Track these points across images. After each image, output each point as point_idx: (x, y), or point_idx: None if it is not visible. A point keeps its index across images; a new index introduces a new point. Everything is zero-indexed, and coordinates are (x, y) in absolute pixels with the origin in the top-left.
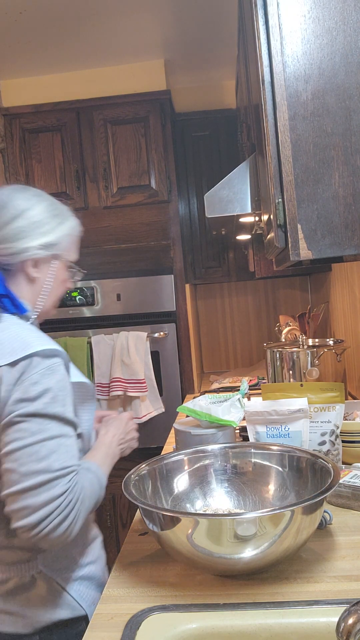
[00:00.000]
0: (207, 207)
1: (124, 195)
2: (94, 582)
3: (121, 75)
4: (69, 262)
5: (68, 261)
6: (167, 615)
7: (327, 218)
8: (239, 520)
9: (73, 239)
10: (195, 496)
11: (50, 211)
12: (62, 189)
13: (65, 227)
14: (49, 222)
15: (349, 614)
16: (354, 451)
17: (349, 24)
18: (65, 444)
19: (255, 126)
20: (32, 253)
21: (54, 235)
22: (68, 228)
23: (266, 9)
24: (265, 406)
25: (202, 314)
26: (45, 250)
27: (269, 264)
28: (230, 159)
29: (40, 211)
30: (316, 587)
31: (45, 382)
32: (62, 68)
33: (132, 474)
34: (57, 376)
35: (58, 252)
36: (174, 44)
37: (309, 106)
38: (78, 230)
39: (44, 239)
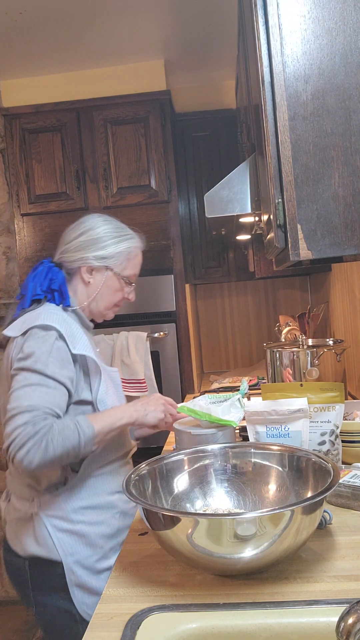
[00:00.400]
0: (207, 207)
1: (124, 196)
2: (82, 540)
3: (121, 75)
4: (121, 275)
5: (120, 274)
6: (167, 615)
7: (327, 218)
8: (239, 520)
9: (127, 258)
10: (195, 496)
11: (109, 232)
12: (62, 189)
13: (120, 247)
14: (106, 240)
15: (348, 613)
16: (353, 451)
17: (349, 24)
18: (41, 391)
19: (255, 126)
20: (88, 262)
21: (108, 251)
22: (123, 248)
23: (266, 9)
24: (265, 406)
25: (202, 314)
26: (98, 261)
27: (269, 264)
28: (230, 159)
29: (101, 231)
30: (316, 587)
31: (35, 346)
32: (62, 68)
33: (132, 473)
34: (46, 344)
35: (110, 264)
36: (174, 44)
37: (309, 106)
38: (134, 253)
39: (98, 252)
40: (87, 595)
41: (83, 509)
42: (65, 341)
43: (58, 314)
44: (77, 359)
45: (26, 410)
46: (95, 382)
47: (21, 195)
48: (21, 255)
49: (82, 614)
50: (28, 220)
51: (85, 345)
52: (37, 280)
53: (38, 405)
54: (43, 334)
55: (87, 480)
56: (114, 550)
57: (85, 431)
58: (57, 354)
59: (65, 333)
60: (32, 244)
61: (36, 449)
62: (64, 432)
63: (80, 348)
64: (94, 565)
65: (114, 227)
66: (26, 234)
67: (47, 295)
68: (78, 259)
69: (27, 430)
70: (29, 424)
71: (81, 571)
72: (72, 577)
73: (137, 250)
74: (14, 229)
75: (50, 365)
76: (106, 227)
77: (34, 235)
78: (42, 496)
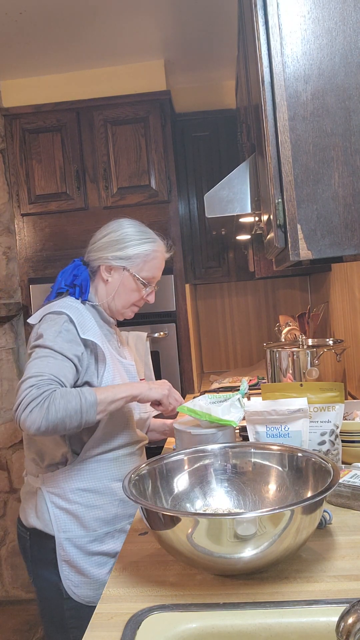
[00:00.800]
0: (207, 207)
1: (124, 196)
2: (77, 520)
3: (121, 76)
4: (137, 276)
5: (137, 275)
6: (167, 614)
7: (326, 218)
8: (238, 519)
9: (144, 260)
10: (195, 496)
11: (130, 235)
12: (62, 189)
13: (139, 249)
14: (126, 242)
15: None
16: (353, 451)
17: (349, 25)
18: (49, 361)
19: (255, 126)
20: (107, 261)
21: (126, 252)
22: (141, 250)
23: (266, 9)
24: (265, 406)
25: (202, 314)
26: (117, 261)
27: (268, 264)
28: (230, 159)
29: (122, 233)
30: (316, 587)
31: (46, 328)
32: (62, 68)
33: (132, 473)
34: (56, 325)
35: (127, 265)
36: (174, 44)
37: (309, 106)
38: (152, 256)
39: (117, 253)
40: (74, 574)
41: (81, 491)
42: (75, 325)
43: (73, 304)
44: (87, 344)
45: (33, 375)
46: (102, 369)
47: (21, 195)
48: (21, 255)
49: (67, 590)
50: (28, 220)
51: (94, 333)
52: (64, 275)
53: (44, 372)
54: (54, 318)
55: (89, 463)
56: (110, 536)
57: (87, 397)
58: (65, 335)
59: (76, 319)
60: (32, 244)
61: (38, 409)
62: (66, 396)
63: (89, 334)
64: (85, 545)
65: (136, 230)
66: (26, 234)
67: (70, 290)
68: (98, 257)
69: (31, 392)
70: (33, 387)
71: (71, 549)
72: (61, 552)
73: (156, 254)
74: (14, 229)
75: (58, 342)
76: (128, 230)
77: (34, 235)
78: (44, 473)
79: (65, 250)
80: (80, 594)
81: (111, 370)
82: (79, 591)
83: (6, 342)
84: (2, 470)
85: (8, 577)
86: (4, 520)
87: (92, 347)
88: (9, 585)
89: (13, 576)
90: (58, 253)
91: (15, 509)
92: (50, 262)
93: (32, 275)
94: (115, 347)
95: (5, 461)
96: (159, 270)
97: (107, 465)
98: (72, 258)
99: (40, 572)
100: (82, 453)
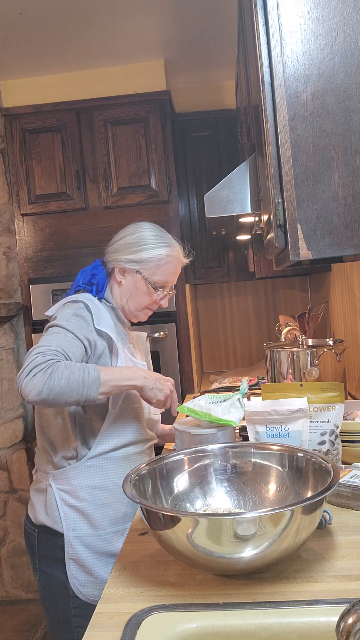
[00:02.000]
0: (207, 208)
1: (124, 196)
2: (86, 518)
3: (121, 76)
4: (150, 280)
5: (149, 279)
6: (167, 614)
7: (326, 218)
8: (238, 519)
9: (157, 264)
10: (195, 496)
11: (145, 238)
12: (62, 189)
13: (152, 253)
14: (140, 245)
15: (348, 613)
16: (353, 451)
17: (349, 25)
18: (59, 337)
19: (255, 126)
20: (120, 263)
21: (139, 255)
22: (155, 255)
23: (266, 9)
24: (265, 406)
25: (202, 314)
26: (129, 264)
27: (268, 264)
28: (230, 159)
29: (138, 236)
30: (316, 587)
31: (62, 311)
32: (62, 68)
33: (132, 473)
34: (72, 309)
35: (140, 268)
36: (174, 45)
37: (309, 106)
38: (165, 260)
39: (130, 256)
40: (81, 573)
41: (91, 489)
42: (91, 313)
43: (91, 298)
44: (102, 334)
45: (41, 345)
46: (114, 361)
47: (21, 195)
48: (21, 255)
49: (74, 588)
50: (28, 220)
51: (109, 326)
52: (83, 274)
53: (52, 344)
54: (71, 305)
55: (99, 461)
56: (119, 535)
57: (91, 372)
58: (80, 319)
59: (93, 309)
60: (32, 244)
61: (41, 374)
62: (70, 366)
63: (104, 326)
64: (94, 544)
65: (153, 234)
66: (26, 234)
67: (87, 287)
68: (113, 259)
69: (37, 359)
70: (39, 355)
71: (80, 547)
72: (70, 550)
73: (170, 259)
74: (14, 229)
75: (71, 322)
76: (144, 233)
77: (34, 235)
78: (55, 470)
79: (65, 250)
80: (86, 592)
81: (123, 364)
82: (84, 590)
83: (6, 342)
84: (2, 470)
85: (8, 577)
86: (4, 520)
87: (106, 339)
88: (9, 585)
89: (13, 576)
90: (58, 253)
91: (15, 509)
92: (50, 262)
93: (32, 275)
94: (128, 347)
95: (5, 461)
96: (172, 275)
97: (117, 463)
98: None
99: (47, 570)
100: (93, 449)
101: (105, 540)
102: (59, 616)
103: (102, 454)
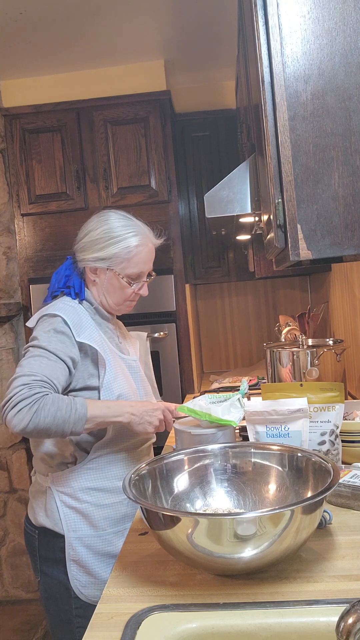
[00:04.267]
0: (207, 208)
1: (124, 196)
2: (86, 519)
3: (121, 76)
4: (123, 274)
5: (122, 274)
6: (167, 614)
7: (326, 218)
8: (238, 519)
9: (126, 258)
10: (195, 496)
11: (107, 233)
12: (62, 189)
13: (118, 247)
14: (103, 242)
15: (348, 613)
16: (353, 451)
17: (349, 25)
18: (42, 362)
19: (255, 126)
20: (88, 263)
21: (105, 252)
22: (122, 249)
23: (266, 9)
24: (265, 406)
25: (202, 314)
26: (98, 262)
27: (268, 264)
28: (230, 159)
29: (99, 232)
30: (316, 587)
31: (41, 329)
32: (62, 68)
33: (132, 473)
34: (51, 327)
35: (110, 265)
36: (174, 44)
37: (309, 106)
38: (134, 252)
39: (96, 254)
40: (82, 574)
41: (91, 490)
42: (70, 327)
43: (70, 304)
44: (83, 347)
45: (25, 374)
46: (102, 370)
47: (21, 195)
48: (21, 255)
49: (75, 590)
50: (28, 220)
51: (91, 335)
52: (57, 276)
53: (37, 372)
54: (49, 320)
55: (99, 462)
56: (119, 536)
57: (78, 409)
58: (60, 336)
59: (71, 321)
60: (32, 244)
61: (27, 410)
62: (57, 403)
63: (85, 337)
64: (94, 545)
65: (117, 225)
66: (26, 234)
67: (65, 291)
68: (81, 259)
69: (22, 391)
70: (25, 387)
71: (81, 548)
72: (71, 552)
73: (140, 249)
74: (14, 229)
75: (52, 343)
76: (107, 227)
77: (34, 235)
78: (54, 472)
79: (65, 251)
80: (88, 593)
81: (112, 371)
82: (86, 591)
83: (6, 342)
84: (2, 470)
85: (8, 577)
86: (4, 520)
87: (89, 350)
88: (9, 585)
89: (13, 576)
90: (58, 253)
91: (15, 509)
92: (50, 262)
93: (32, 275)
94: (116, 343)
95: (5, 461)
96: (145, 263)
97: (117, 463)
98: None
99: (48, 571)
100: (92, 452)
101: (106, 541)
102: (60, 617)
103: (101, 456)
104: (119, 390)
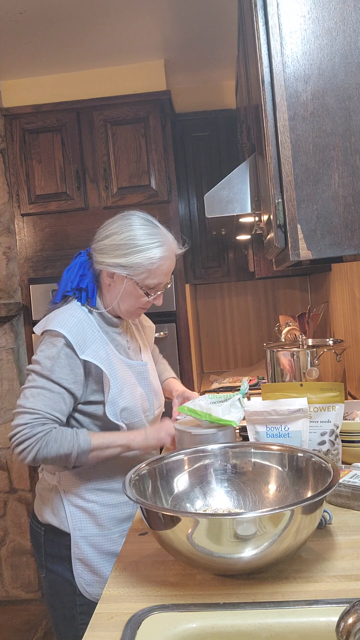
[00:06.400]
0: (207, 208)
1: (124, 196)
2: (92, 518)
3: (121, 76)
4: (142, 284)
5: (140, 284)
6: (167, 614)
7: (326, 218)
8: (238, 519)
9: (148, 269)
10: (195, 496)
11: (131, 240)
12: (62, 189)
13: (142, 257)
14: (126, 249)
15: (348, 613)
16: (353, 451)
17: (349, 25)
18: (45, 395)
19: (255, 126)
20: (107, 267)
21: (128, 260)
22: (145, 259)
23: (266, 9)
24: (265, 406)
25: (202, 314)
26: (117, 269)
27: (268, 264)
28: (230, 159)
29: (124, 237)
30: (316, 587)
31: (45, 350)
32: (62, 68)
33: (132, 473)
34: (54, 349)
35: (130, 274)
36: (174, 45)
37: (309, 106)
38: (158, 264)
39: (117, 260)
40: (87, 572)
41: (98, 490)
42: (73, 348)
43: (75, 316)
44: (87, 363)
45: (28, 412)
46: (106, 388)
47: (21, 196)
48: (21, 255)
49: (80, 588)
50: (28, 220)
51: (95, 351)
52: (69, 274)
53: (39, 409)
54: (52, 340)
55: (106, 462)
56: (124, 536)
57: (81, 444)
58: (64, 360)
59: (75, 339)
60: (32, 244)
61: (29, 449)
62: (59, 440)
63: (88, 354)
64: (99, 544)
65: (142, 233)
66: (26, 234)
67: (76, 293)
68: (100, 262)
69: (25, 431)
70: (27, 426)
71: (86, 547)
72: (76, 550)
73: (162, 261)
74: (14, 229)
75: (56, 371)
76: (129, 234)
77: (34, 235)
78: (61, 472)
79: (65, 250)
80: (92, 592)
81: (118, 385)
82: (90, 589)
83: (6, 342)
84: (2, 470)
85: (8, 577)
86: (4, 520)
87: (92, 368)
88: (9, 585)
89: (13, 576)
90: (58, 253)
91: (15, 509)
92: (50, 262)
93: (32, 275)
94: (124, 349)
95: (5, 461)
96: (166, 275)
97: (123, 464)
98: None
99: (54, 567)
100: None
101: (111, 541)
102: (64, 613)
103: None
104: (123, 404)
